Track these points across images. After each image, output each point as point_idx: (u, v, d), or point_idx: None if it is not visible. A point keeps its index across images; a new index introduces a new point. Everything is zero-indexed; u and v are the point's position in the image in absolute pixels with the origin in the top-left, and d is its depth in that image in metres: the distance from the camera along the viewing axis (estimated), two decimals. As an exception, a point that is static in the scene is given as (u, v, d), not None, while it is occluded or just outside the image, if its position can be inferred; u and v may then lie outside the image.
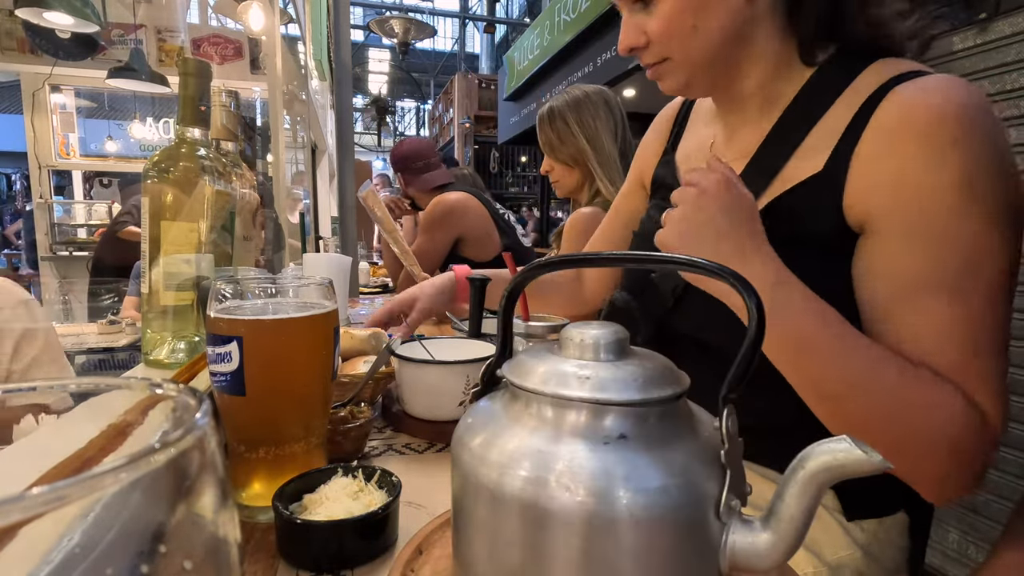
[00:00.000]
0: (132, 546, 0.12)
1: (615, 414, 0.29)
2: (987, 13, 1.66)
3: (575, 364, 0.31)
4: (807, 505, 0.27)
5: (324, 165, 5.50)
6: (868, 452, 0.26)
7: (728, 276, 0.30)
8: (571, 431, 0.29)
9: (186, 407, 0.15)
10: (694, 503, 0.27)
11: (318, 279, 0.56)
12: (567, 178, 1.58)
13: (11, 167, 9.77)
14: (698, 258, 0.32)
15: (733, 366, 0.29)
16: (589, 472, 0.27)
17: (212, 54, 3.73)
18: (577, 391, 0.29)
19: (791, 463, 0.28)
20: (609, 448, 0.28)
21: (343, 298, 1.55)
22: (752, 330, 0.29)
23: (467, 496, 0.31)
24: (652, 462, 0.28)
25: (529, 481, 0.28)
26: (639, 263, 0.39)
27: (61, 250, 4.53)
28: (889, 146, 0.56)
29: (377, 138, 12.46)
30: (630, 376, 0.30)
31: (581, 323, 0.33)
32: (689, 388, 0.32)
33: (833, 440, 0.27)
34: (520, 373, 0.32)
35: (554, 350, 0.33)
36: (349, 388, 0.72)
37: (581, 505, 0.27)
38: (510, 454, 0.29)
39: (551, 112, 1.53)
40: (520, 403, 0.31)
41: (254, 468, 0.52)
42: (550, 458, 0.28)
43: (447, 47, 15.49)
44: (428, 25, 8.22)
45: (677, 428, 0.30)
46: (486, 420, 0.32)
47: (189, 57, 1.10)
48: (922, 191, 0.54)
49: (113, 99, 5.20)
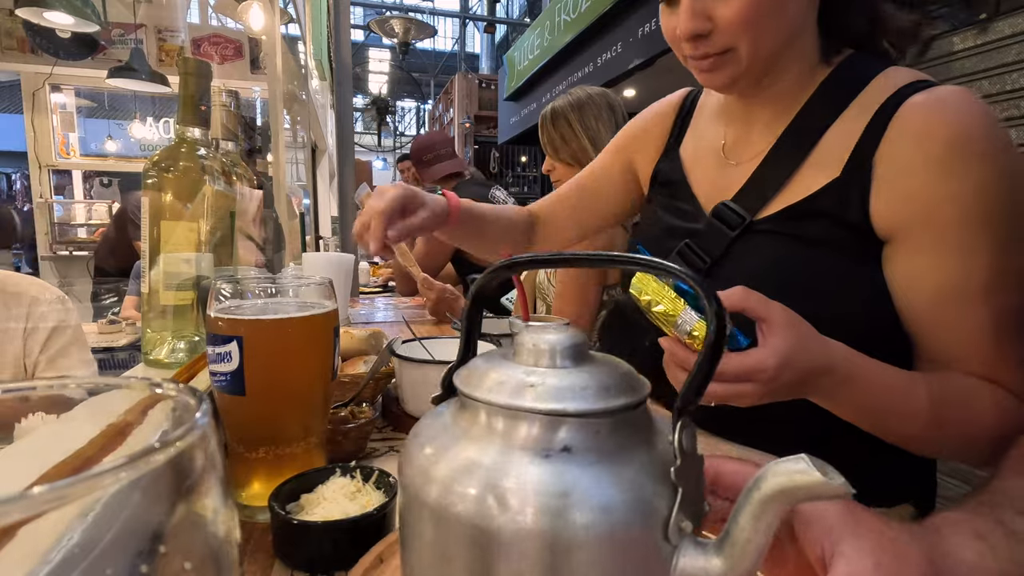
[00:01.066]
0: (132, 546, 0.12)
1: (560, 425, 0.27)
2: (987, 14, 1.66)
3: (524, 371, 0.29)
4: (763, 529, 0.25)
5: (324, 165, 5.50)
6: (829, 475, 0.24)
7: (689, 278, 0.27)
8: (515, 443, 0.27)
9: (186, 407, 0.15)
10: (639, 523, 0.25)
11: (318, 279, 0.56)
12: (568, 177, 1.58)
13: (11, 167, 9.77)
14: (657, 260, 0.29)
15: (689, 375, 0.27)
16: (526, 488, 0.25)
17: (212, 54, 3.73)
18: (520, 400, 0.27)
19: (748, 483, 0.26)
20: (550, 462, 0.26)
21: (343, 298, 1.55)
22: (710, 337, 0.27)
23: (409, 511, 0.29)
24: (596, 477, 0.26)
25: (465, 498, 0.26)
26: (591, 263, 0.35)
27: (61, 250, 4.53)
28: (914, 157, 0.57)
29: (377, 138, 12.46)
30: (581, 384, 0.28)
31: (538, 327, 0.31)
32: (650, 395, 0.30)
33: (791, 460, 0.25)
34: (468, 380, 0.30)
35: (509, 356, 0.31)
36: (349, 388, 0.72)
37: (516, 524, 0.25)
38: (450, 468, 0.27)
39: (554, 112, 1.53)
40: (468, 413, 0.29)
41: (254, 468, 0.52)
42: (489, 473, 0.26)
43: (447, 47, 15.50)
44: (428, 25, 8.22)
45: (630, 441, 0.28)
46: (433, 431, 0.30)
47: (189, 57, 1.10)
48: (949, 204, 0.56)
49: (113, 99, 5.20)
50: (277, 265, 2.15)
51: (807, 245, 0.62)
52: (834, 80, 0.65)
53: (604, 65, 4.85)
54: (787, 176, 0.65)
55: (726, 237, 0.67)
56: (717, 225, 0.68)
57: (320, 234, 4.53)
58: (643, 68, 4.28)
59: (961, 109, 0.56)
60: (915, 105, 0.58)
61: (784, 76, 0.66)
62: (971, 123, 0.56)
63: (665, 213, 0.80)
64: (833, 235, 0.61)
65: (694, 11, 0.61)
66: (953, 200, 0.56)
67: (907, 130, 0.58)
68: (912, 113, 0.58)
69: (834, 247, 0.61)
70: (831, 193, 0.61)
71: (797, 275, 0.62)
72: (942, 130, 0.56)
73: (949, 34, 1.75)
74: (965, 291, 0.57)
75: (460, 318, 0.37)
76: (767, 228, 0.65)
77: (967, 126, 0.56)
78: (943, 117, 0.56)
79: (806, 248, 0.62)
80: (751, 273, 0.65)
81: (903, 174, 0.58)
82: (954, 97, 0.57)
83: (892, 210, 0.58)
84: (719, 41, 0.62)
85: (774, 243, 0.64)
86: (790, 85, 0.67)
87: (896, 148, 0.58)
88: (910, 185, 0.57)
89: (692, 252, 0.70)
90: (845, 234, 0.61)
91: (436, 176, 2.22)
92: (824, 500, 0.26)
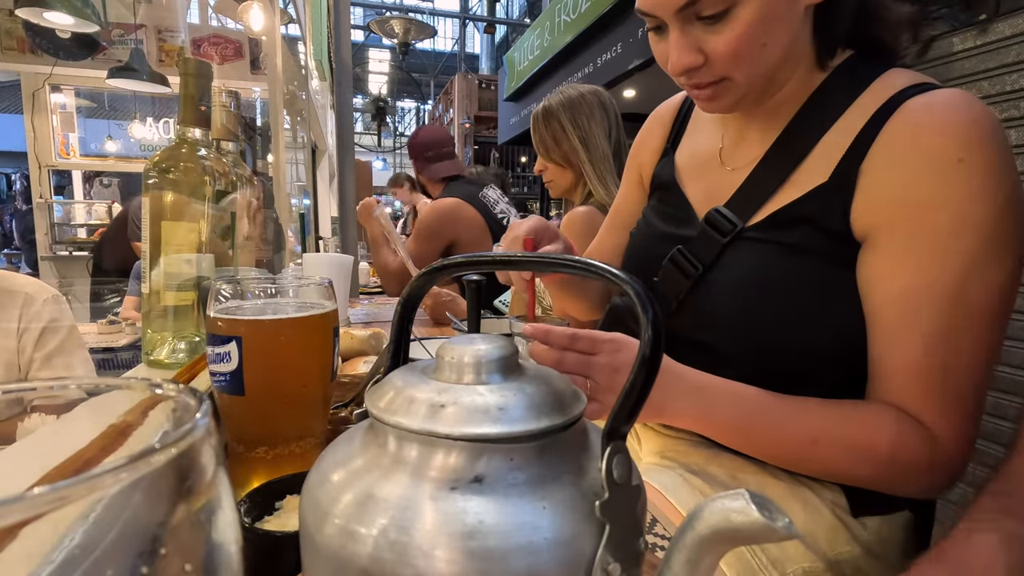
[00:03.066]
0: (133, 547, 0.12)
1: (472, 452, 0.23)
2: (987, 14, 1.67)
3: (438, 389, 0.25)
4: (699, 573, 0.23)
5: (324, 165, 5.50)
6: (771, 516, 0.21)
7: (627, 284, 0.25)
8: (422, 473, 0.23)
9: (186, 407, 0.15)
10: (554, 567, 0.22)
11: (318, 279, 0.56)
12: (560, 178, 1.58)
13: (11, 167, 9.78)
14: (598, 263, 0.27)
15: (622, 393, 0.24)
16: (424, 527, 0.22)
17: (212, 54, 3.73)
18: (428, 423, 0.23)
19: (682, 521, 0.23)
20: (456, 495, 0.22)
21: (343, 298, 1.55)
22: (646, 347, 0.24)
23: (305, 551, 0.25)
24: (506, 513, 0.22)
25: (357, 538, 0.22)
26: (538, 266, 0.34)
27: (61, 250, 4.53)
28: (895, 162, 0.56)
29: (377, 138, 12.46)
30: (500, 404, 0.24)
31: (463, 337, 0.27)
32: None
33: (729, 496, 0.22)
34: (379, 398, 0.26)
35: (428, 370, 0.27)
36: (349, 388, 0.72)
37: (411, 570, 0.21)
38: (346, 503, 0.23)
39: (545, 112, 1.52)
40: (377, 436, 0.26)
41: (254, 468, 0.52)
42: (386, 510, 0.22)
43: (447, 47, 15.50)
44: (428, 25, 8.23)
45: (555, 469, 0.24)
46: (338, 457, 0.26)
47: (189, 57, 1.10)
48: (919, 209, 0.55)
49: (113, 99, 5.20)
50: (277, 265, 2.15)
51: (791, 253, 0.61)
52: (831, 84, 0.64)
53: (604, 65, 4.85)
54: (779, 183, 0.64)
55: (718, 244, 0.66)
56: (709, 231, 0.67)
57: (320, 234, 4.53)
58: (643, 68, 4.28)
59: (950, 114, 0.54)
60: (907, 110, 0.56)
61: (785, 85, 0.66)
62: (956, 128, 0.54)
63: (659, 218, 0.79)
64: (815, 242, 0.60)
65: (684, 46, 0.59)
66: (920, 205, 0.54)
67: (894, 136, 0.56)
68: (905, 119, 0.56)
69: (817, 255, 0.60)
70: (815, 199, 0.60)
71: (779, 283, 0.61)
72: (926, 134, 0.55)
73: (949, 35, 1.76)
74: (918, 302, 0.55)
75: (461, 318, 0.37)
76: (754, 236, 0.64)
77: (949, 131, 0.54)
78: (931, 121, 0.55)
79: (790, 256, 0.61)
80: (739, 281, 0.64)
81: (886, 179, 0.56)
82: (947, 100, 0.55)
83: (869, 214, 0.57)
84: (714, 71, 0.61)
85: (760, 250, 0.63)
86: (787, 92, 0.66)
87: (884, 154, 0.57)
88: (891, 190, 0.56)
89: (684, 259, 0.69)
90: (827, 241, 0.59)
91: (436, 176, 2.19)
92: (766, 544, 0.25)
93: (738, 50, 0.58)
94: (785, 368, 0.62)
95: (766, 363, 0.63)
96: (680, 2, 0.57)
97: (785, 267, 0.61)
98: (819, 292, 0.60)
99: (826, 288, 0.60)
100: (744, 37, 0.57)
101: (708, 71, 0.61)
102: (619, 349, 0.56)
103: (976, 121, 0.54)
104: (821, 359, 0.62)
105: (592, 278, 0.27)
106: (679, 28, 0.59)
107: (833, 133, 0.61)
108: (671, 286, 0.70)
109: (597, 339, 0.56)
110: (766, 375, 0.60)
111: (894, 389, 0.57)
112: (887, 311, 0.57)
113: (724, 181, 0.70)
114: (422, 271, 0.32)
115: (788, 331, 0.61)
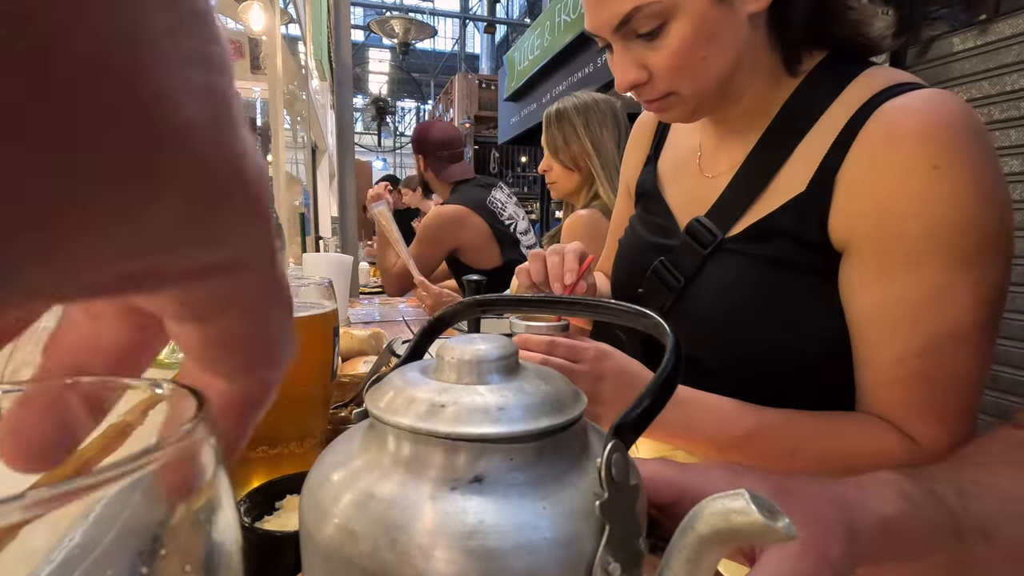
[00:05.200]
0: (132, 547, 0.12)
1: (471, 452, 0.23)
2: (987, 14, 1.67)
3: (438, 389, 0.25)
4: (700, 574, 0.23)
5: (324, 165, 5.51)
6: (772, 516, 0.21)
7: (650, 319, 0.26)
8: (422, 473, 0.23)
9: (186, 407, 0.15)
10: (555, 564, 0.22)
11: (318, 279, 0.56)
12: (565, 180, 1.58)
13: (11, 166, 9.78)
14: (621, 304, 0.29)
15: (635, 401, 0.24)
16: (424, 527, 0.22)
17: (212, 54, 3.72)
18: (428, 423, 0.23)
19: (682, 521, 0.24)
20: (456, 495, 0.22)
21: (343, 298, 1.55)
22: (667, 368, 0.25)
23: (305, 551, 0.26)
24: (506, 512, 0.22)
25: (357, 539, 0.22)
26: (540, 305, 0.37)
27: (61, 250, 4.53)
28: (870, 171, 0.55)
29: (377, 138, 12.48)
30: (500, 404, 0.24)
31: (463, 337, 0.27)
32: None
33: (729, 496, 0.22)
34: (379, 397, 0.26)
35: (428, 370, 0.27)
36: (349, 388, 0.72)
37: (410, 570, 0.21)
38: (345, 503, 0.24)
39: (560, 113, 1.53)
40: (377, 436, 0.26)
41: (254, 468, 0.52)
42: (385, 509, 0.23)
43: (447, 47, 15.50)
44: (428, 25, 8.25)
45: (555, 469, 0.24)
46: (338, 456, 0.26)
47: (189, 57, 1.10)
48: (895, 219, 0.53)
49: (113, 99, 5.19)
50: (277, 265, 2.15)
51: (770, 265, 0.60)
52: (805, 89, 0.62)
53: (604, 66, 4.85)
54: (757, 191, 0.62)
55: (699, 255, 0.65)
56: (690, 243, 0.66)
57: (320, 234, 4.53)
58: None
59: (927, 117, 0.52)
60: (883, 114, 0.55)
61: (745, 92, 0.64)
62: (932, 132, 0.52)
63: (644, 228, 0.77)
64: (794, 254, 0.59)
65: (626, 63, 0.61)
66: (897, 214, 0.53)
67: (870, 142, 0.55)
68: (880, 123, 0.54)
69: (796, 267, 0.59)
70: (792, 211, 0.59)
71: (761, 296, 0.60)
72: (901, 140, 0.53)
73: (949, 35, 1.76)
74: (894, 316, 0.54)
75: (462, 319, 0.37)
76: (734, 248, 0.63)
77: (926, 136, 0.52)
78: (906, 126, 0.53)
79: (770, 268, 0.60)
80: (720, 293, 0.63)
81: (861, 189, 0.55)
82: (924, 103, 0.53)
83: (846, 225, 0.56)
84: (659, 86, 0.61)
85: (740, 263, 0.62)
86: (757, 98, 0.64)
87: (859, 162, 0.55)
88: (866, 201, 0.55)
89: (667, 270, 0.68)
90: (806, 253, 0.58)
91: (451, 179, 2.12)
92: (766, 544, 0.25)
93: (677, 64, 0.59)
94: (771, 379, 0.62)
95: (751, 374, 0.62)
96: (615, 21, 0.59)
97: (766, 280, 0.61)
98: (802, 303, 0.59)
99: (809, 299, 0.59)
100: (682, 52, 0.58)
101: (653, 87, 0.62)
102: (604, 358, 0.57)
103: (951, 124, 0.52)
104: (806, 370, 0.61)
105: (612, 320, 0.30)
106: (621, 46, 0.61)
107: (810, 139, 0.60)
108: (655, 298, 0.69)
109: (577, 347, 0.56)
110: (752, 386, 0.60)
111: (878, 400, 0.57)
112: (867, 324, 0.56)
113: (704, 188, 0.69)
114: (462, 301, 0.33)
115: (772, 342, 0.61)
